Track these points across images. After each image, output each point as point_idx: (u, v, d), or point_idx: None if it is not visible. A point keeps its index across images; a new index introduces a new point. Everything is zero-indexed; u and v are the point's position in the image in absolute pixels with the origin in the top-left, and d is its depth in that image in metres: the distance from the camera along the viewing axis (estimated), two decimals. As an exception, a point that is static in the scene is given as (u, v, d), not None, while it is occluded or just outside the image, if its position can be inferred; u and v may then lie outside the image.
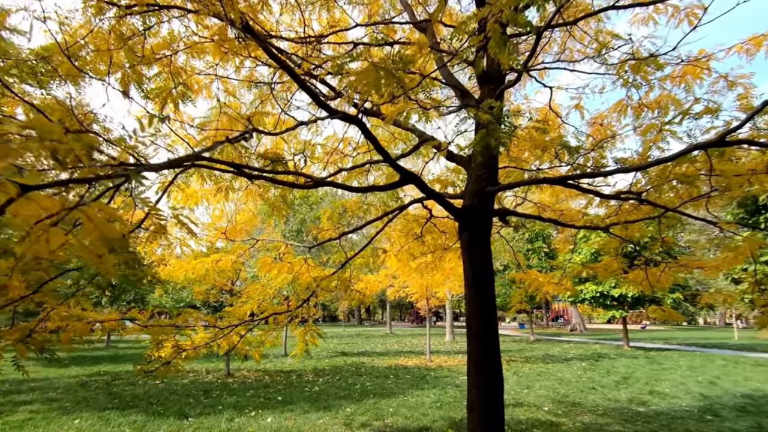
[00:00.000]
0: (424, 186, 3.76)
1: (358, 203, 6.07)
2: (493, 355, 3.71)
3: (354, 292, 6.14)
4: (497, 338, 3.78)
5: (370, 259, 6.26)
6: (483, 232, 3.96)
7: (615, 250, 6.43)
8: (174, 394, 10.25)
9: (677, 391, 11.09)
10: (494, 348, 3.72)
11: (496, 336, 3.77)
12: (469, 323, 3.79)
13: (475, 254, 3.87)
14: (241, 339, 4.94)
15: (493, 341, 3.72)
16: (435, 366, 15.73)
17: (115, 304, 25.34)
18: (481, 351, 3.67)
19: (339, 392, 10.78)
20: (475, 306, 3.76)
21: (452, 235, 7.25)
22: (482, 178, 4.00)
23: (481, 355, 3.65)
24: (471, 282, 3.81)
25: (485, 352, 3.66)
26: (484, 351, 3.67)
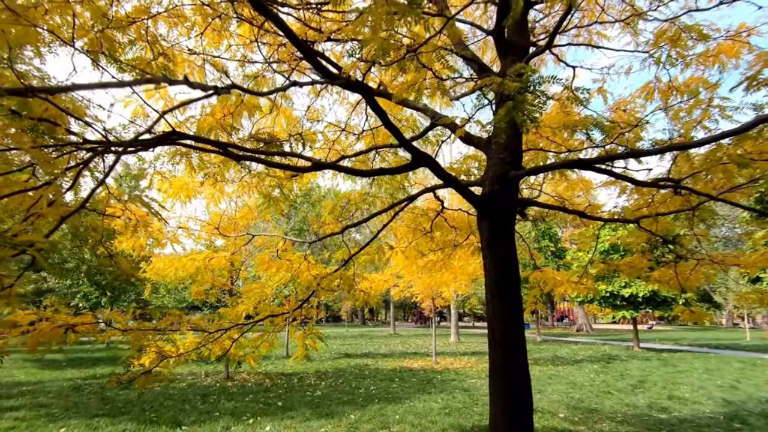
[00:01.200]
0: (440, 169, 3.27)
1: (362, 196, 5.58)
2: (520, 364, 3.22)
3: (358, 292, 5.65)
4: (524, 345, 3.28)
5: (375, 255, 5.77)
6: (506, 223, 3.47)
7: (642, 246, 5.92)
8: (170, 399, 9.79)
9: (698, 396, 10.54)
10: (521, 356, 3.23)
11: (522, 342, 3.28)
12: (491, 327, 3.29)
13: (498, 249, 3.38)
14: (234, 343, 4.46)
15: (520, 349, 3.23)
16: (441, 368, 15.22)
17: (116, 304, 24.94)
18: (506, 360, 3.17)
19: (342, 397, 10.30)
20: (498, 308, 3.26)
21: (463, 231, 6.76)
22: (504, 162, 3.50)
23: (506, 364, 3.16)
24: (493, 281, 3.32)
25: (511, 362, 3.17)
26: (510, 360, 3.17)
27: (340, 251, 5.03)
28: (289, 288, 5.69)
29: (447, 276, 8.46)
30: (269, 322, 4.66)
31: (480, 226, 3.59)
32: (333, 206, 5.47)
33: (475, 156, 4.74)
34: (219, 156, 3.92)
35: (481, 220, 3.58)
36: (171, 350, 4.46)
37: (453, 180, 3.36)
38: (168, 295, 31.09)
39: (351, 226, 4.87)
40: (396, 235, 6.62)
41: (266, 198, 4.70)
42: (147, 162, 4.22)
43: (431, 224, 5.73)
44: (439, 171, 3.27)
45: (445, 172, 3.33)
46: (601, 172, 3.68)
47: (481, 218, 3.56)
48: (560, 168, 3.81)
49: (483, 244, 3.51)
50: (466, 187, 3.45)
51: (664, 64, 4.92)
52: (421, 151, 3.27)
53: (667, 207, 5.28)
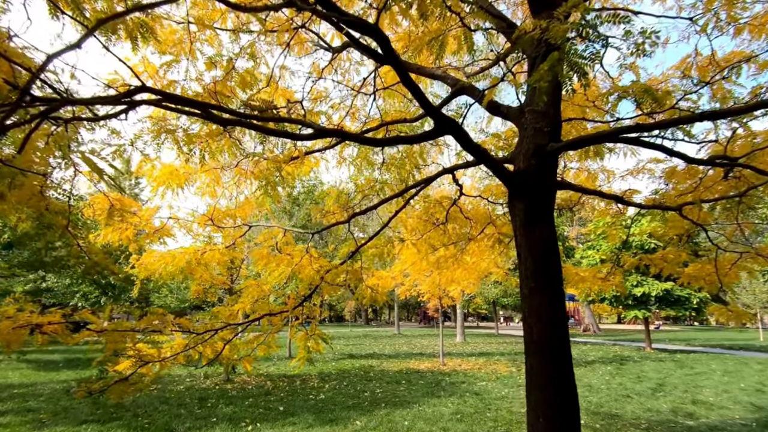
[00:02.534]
0: (467, 138, 2.74)
1: (370, 182, 5.05)
2: (566, 375, 2.68)
3: (365, 289, 5.12)
4: (569, 349, 2.74)
5: (384, 248, 5.24)
6: (545, 203, 2.94)
7: (678, 237, 5.36)
8: (165, 403, 9.29)
9: (723, 401, 9.95)
10: (566, 365, 2.69)
11: (567, 347, 2.74)
12: (528, 328, 2.75)
13: (537, 235, 2.84)
14: (226, 345, 3.94)
15: (565, 355, 2.69)
16: (449, 370, 14.68)
17: (116, 304, 24.51)
18: (548, 369, 2.63)
19: (347, 401, 9.77)
20: (538, 305, 2.73)
21: (479, 223, 6.21)
22: (542, 132, 2.96)
23: (548, 375, 2.62)
24: (531, 272, 2.78)
25: (555, 371, 2.63)
26: (553, 369, 2.63)
27: (346, 244, 4.51)
28: (291, 285, 5.15)
29: (459, 273, 7.89)
30: (267, 322, 4.14)
31: (513, 209, 3.05)
32: (338, 194, 4.94)
33: (496, 135, 4.19)
34: (205, 123, 3.40)
35: (514, 201, 3.04)
36: (153, 354, 3.95)
37: (483, 153, 2.83)
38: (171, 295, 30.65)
39: (358, 213, 4.34)
40: (406, 227, 6.08)
41: (264, 183, 4.17)
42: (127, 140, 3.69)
43: (446, 214, 5.19)
44: (466, 140, 2.74)
45: (473, 142, 2.80)
46: (653, 147, 3.14)
47: (515, 199, 3.02)
48: (608, 139, 3.25)
49: (517, 229, 2.97)
50: (497, 161, 2.92)
51: (711, 31, 4.36)
52: (446, 115, 2.74)
53: (711, 193, 4.73)
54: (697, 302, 20.30)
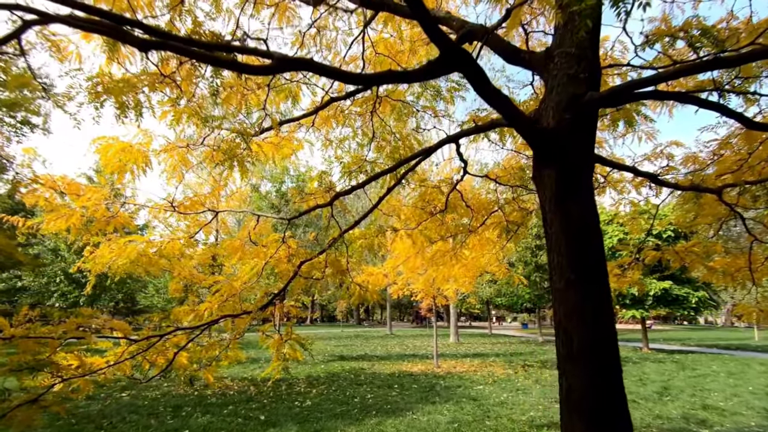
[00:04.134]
0: (482, 78, 2.05)
1: (357, 161, 4.34)
2: (616, 394, 2.00)
3: (353, 286, 4.41)
4: (619, 363, 2.06)
5: (374, 239, 4.53)
6: (583, 172, 2.26)
7: (711, 226, 4.72)
8: (135, 413, 8.49)
9: (734, 406, 9.39)
10: (617, 382, 2.01)
11: (617, 356, 2.06)
12: (563, 332, 2.06)
13: (573, 212, 2.17)
14: (178, 353, 3.20)
15: (615, 369, 2.01)
16: (444, 372, 14.00)
17: (96, 304, 23.47)
18: (593, 386, 1.95)
19: (335, 408, 9.04)
20: (579, 302, 2.05)
21: (480, 213, 5.53)
22: (577, 80, 2.29)
23: (593, 393, 1.94)
24: (568, 260, 2.10)
25: (602, 389, 1.95)
26: (601, 387, 1.95)
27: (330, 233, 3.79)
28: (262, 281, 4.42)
29: (457, 270, 7.20)
30: (230, 324, 3.41)
31: (540, 180, 2.36)
32: (321, 174, 4.22)
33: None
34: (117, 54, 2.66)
35: (542, 169, 2.36)
36: (95, 363, 3.22)
37: (504, 100, 2.14)
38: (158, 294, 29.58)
39: (342, 194, 3.64)
40: (399, 216, 5.38)
41: (227, 155, 3.44)
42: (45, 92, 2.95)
43: (446, 200, 4.49)
44: (481, 81, 2.06)
45: (491, 85, 2.12)
46: (712, 108, 2.47)
47: (543, 167, 2.34)
48: (669, 97, 2.55)
49: (546, 205, 2.29)
50: (522, 114, 2.24)
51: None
52: (457, 45, 2.04)
53: (754, 174, 4.08)
54: (696, 302, 19.88)
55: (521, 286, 30.08)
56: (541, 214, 2.37)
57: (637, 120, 3.48)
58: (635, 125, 3.52)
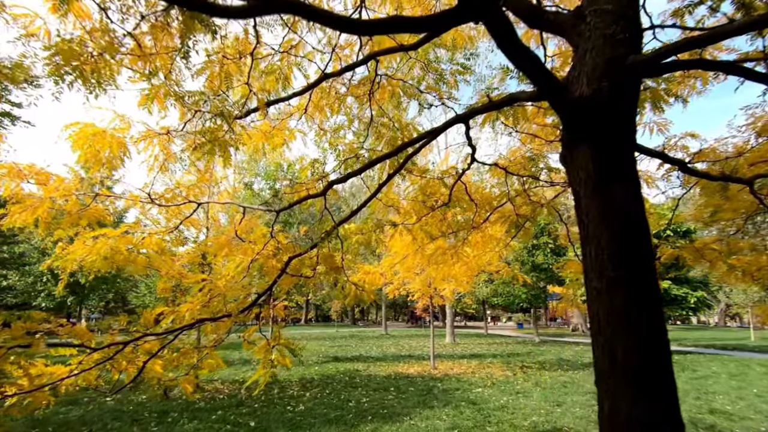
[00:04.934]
0: (510, 33, 1.69)
1: (353, 149, 3.96)
2: (672, 423, 1.64)
3: (348, 285, 4.04)
4: (674, 382, 1.70)
5: (371, 234, 4.16)
6: (626, 150, 1.89)
7: (733, 222, 4.39)
8: (118, 419, 8.06)
9: (742, 409, 9.12)
10: (675, 407, 1.65)
11: (672, 376, 1.70)
12: (604, 342, 1.70)
13: (616, 197, 1.80)
14: (150, 360, 2.81)
15: (672, 390, 1.65)
16: (441, 374, 13.65)
17: (84, 304, 22.88)
18: (646, 412, 1.59)
19: (328, 413, 8.65)
20: (625, 305, 1.68)
21: (485, 207, 5.18)
22: (616, 41, 1.93)
23: (647, 423, 1.57)
24: (609, 255, 1.72)
25: (655, 417, 1.59)
26: (655, 413, 1.59)
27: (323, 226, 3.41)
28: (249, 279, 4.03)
29: (457, 268, 6.84)
30: (211, 328, 3.03)
31: (572, 160, 1.99)
32: (313, 162, 3.83)
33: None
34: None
35: (574, 145, 1.99)
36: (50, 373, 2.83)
37: (533, 59, 1.77)
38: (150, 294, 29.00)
39: (336, 182, 3.26)
40: (399, 210, 5.00)
41: (208, 138, 3.05)
42: None
43: (450, 193, 4.13)
44: (506, 33, 1.70)
45: (518, 39, 1.76)
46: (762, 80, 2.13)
47: (576, 142, 1.97)
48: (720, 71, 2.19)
49: (580, 189, 1.92)
50: (553, 77, 1.88)
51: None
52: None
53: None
54: (695, 302, 19.70)
55: (517, 285, 29.87)
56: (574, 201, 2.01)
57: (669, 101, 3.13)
58: (662, 106, 3.17)
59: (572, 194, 2.02)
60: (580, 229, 1.95)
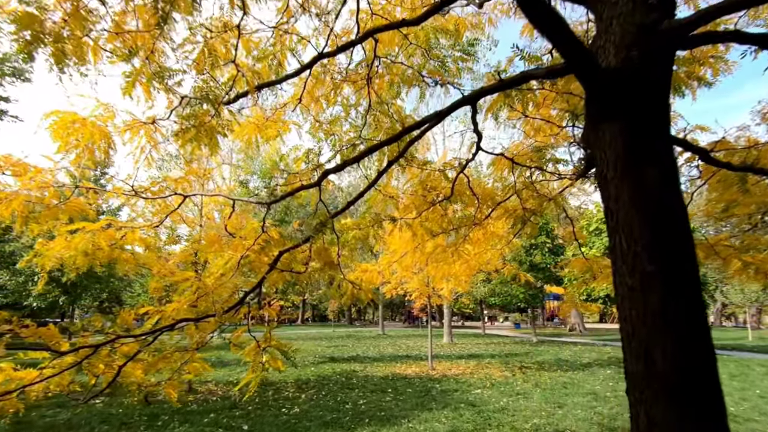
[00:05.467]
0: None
1: (351, 139, 3.73)
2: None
3: (345, 283, 3.81)
4: (721, 392, 1.49)
5: (370, 230, 3.94)
6: (660, 127, 1.67)
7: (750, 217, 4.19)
8: (106, 422, 7.80)
9: (746, 411, 8.95)
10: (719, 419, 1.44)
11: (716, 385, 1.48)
12: (640, 346, 1.47)
13: (650, 179, 1.57)
14: (123, 366, 2.57)
15: (719, 400, 1.43)
16: (439, 375, 13.44)
17: (77, 304, 22.51)
18: (690, 426, 1.37)
19: (324, 415, 8.42)
20: (663, 302, 1.47)
21: (487, 202, 4.96)
22: (647, 5, 1.71)
23: None
24: (643, 248, 1.50)
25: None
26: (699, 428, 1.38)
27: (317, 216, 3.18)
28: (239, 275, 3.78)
29: (457, 267, 6.62)
30: (193, 329, 2.80)
31: (597, 137, 1.76)
32: (308, 152, 3.60)
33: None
34: None
35: (599, 122, 1.75)
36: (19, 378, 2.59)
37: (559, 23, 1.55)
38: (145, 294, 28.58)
39: (332, 171, 3.03)
40: (397, 206, 4.78)
41: (193, 123, 2.81)
42: None
43: (452, 186, 3.91)
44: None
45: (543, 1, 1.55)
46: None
47: (602, 118, 1.74)
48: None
49: (608, 172, 1.69)
50: (581, 44, 1.66)
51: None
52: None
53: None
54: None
55: (515, 285, 29.72)
56: (599, 185, 1.78)
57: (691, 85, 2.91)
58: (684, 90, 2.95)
59: (597, 179, 1.80)
60: (607, 218, 1.73)
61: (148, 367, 2.83)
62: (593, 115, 1.82)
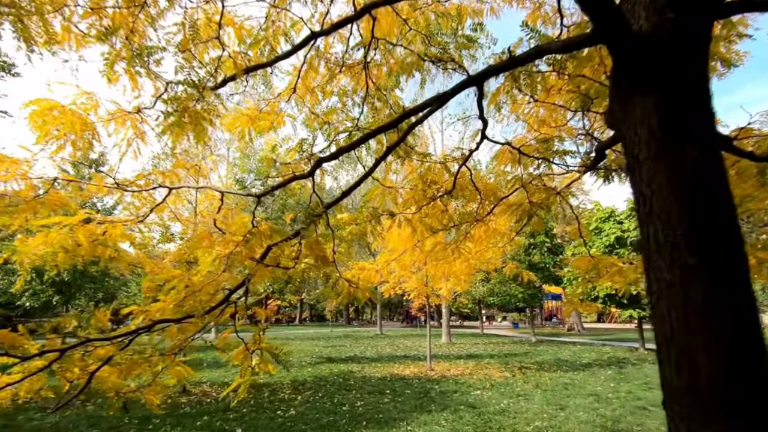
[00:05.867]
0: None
1: (346, 128, 3.51)
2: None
3: (341, 282, 3.60)
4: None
5: (367, 225, 3.72)
6: (700, 100, 1.47)
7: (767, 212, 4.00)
8: (95, 425, 7.56)
9: None
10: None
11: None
12: (682, 353, 1.25)
13: (692, 157, 1.36)
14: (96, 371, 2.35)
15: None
16: (438, 376, 13.23)
17: (71, 303, 22.21)
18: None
19: (321, 418, 8.21)
20: (707, 303, 1.25)
21: (489, 197, 4.76)
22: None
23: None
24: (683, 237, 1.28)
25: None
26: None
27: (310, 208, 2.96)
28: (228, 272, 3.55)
29: (458, 265, 6.42)
30: (175, 330, 2.58)
31: (626, 111, 1.54)
32: (301, 142, 3.38)
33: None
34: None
35: (629, 94, 1.54)
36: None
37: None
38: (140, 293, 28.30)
39: (326, 159, 2.82)
40: (396, 201, 4.57)
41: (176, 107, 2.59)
42: None
43: (455, 177, 3.70)
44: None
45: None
46: None
47: (632, 90, 1.53)
48: None
49: (638, 150, 1.47)
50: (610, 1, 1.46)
51: None
52: None
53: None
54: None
55: (514, 285, 29.53)
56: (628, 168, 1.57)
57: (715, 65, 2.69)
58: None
59: (626, 161, 1.59)
60: (638, 205, 1.51)
61: (123, 372, 2.61)
62: (623, 88, 1.61)
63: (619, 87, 1.65)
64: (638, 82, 1.55)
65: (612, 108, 1.71)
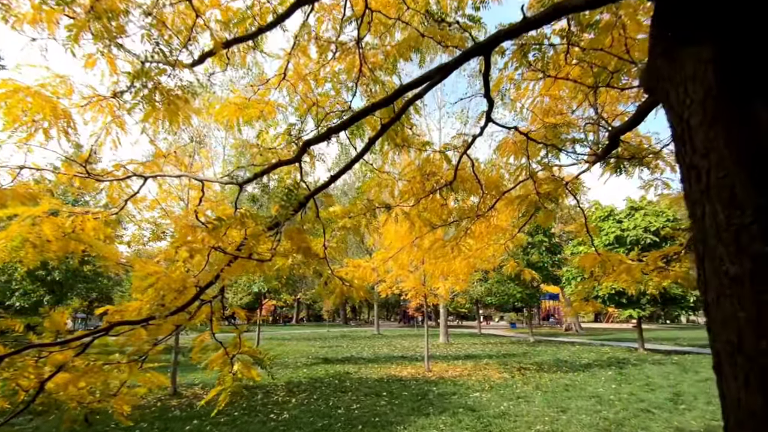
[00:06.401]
0: None
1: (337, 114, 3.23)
2: None
3: (334, 280, 3.31)
4: None
5: (361, 218, 3.44)
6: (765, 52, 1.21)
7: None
8: (78, 430, 7.22)
9: None
10: None
11: None
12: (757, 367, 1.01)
13: (762, 120, 1.11)
14: (51, 378, 2.07)
15: None
16: (435, 377, 12.96)
17: (62, 303, 21.82)
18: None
19: (315, 421, 7.93)
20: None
21: (492, 191, 4.49)
22: None
23: None
24: (752, 217, 1.04)
25: None
26: None
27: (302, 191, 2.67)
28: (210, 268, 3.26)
29: (457, 263, 6.14)
30: (143, 333, 2.29)
31: (674, 70, 1.28)
32: (290, 127, 3.10)
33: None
34: None
35: (679, 47, 1.27)
36: None
37: None
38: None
39: (314, 141, 2.53)
40: (392, 193, 4.29)
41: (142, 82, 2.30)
42: None
43: (456, 167, 3.42)
44: None
45: None
46: None
47: (681, 44, 1.26)
48: None
49: (689, 114, 1.21)
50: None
51: None
52: None
53: None
54: (694, 301, 19.24)
55: (512, 285, 29.31)
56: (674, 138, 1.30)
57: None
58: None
59: (673, 129, 1.32)
60: (688, 182, 1.23)
61: (78, 379, 2.32)
62: (668, 39, 1.34)
63: (663, 37, 1.38)
64: (690, 29, 1.28)
65: (652, 65, 1.43)
